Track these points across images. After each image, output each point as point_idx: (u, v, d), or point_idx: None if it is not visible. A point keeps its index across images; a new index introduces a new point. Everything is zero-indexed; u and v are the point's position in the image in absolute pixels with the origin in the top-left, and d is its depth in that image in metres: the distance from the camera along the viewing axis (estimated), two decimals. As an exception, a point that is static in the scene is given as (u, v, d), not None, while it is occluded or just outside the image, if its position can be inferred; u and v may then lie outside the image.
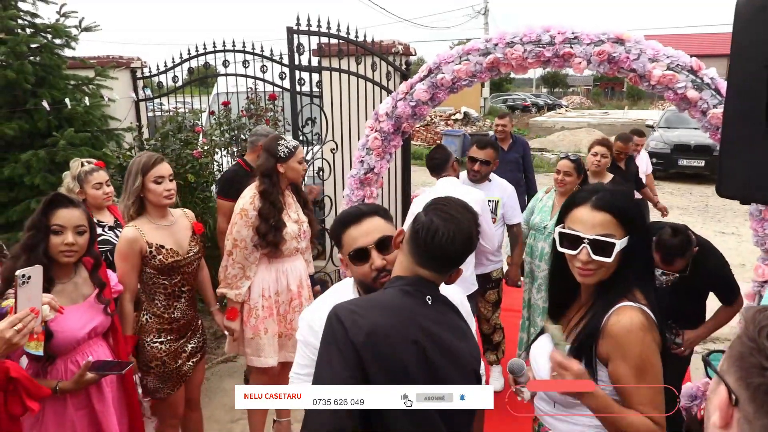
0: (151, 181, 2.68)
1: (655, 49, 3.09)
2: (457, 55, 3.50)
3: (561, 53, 3.22)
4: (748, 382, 0.75)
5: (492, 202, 3.84)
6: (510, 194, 3.94)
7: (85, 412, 2.27)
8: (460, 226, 1.48)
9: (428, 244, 1.46)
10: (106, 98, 5.13)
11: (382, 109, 3.83)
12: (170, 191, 2.73)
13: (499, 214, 3.90)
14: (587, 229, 1.59)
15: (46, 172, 4.32)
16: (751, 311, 0.82)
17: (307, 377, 1.71)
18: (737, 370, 0.78)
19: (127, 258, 2.67)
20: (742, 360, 0.78)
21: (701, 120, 3.09)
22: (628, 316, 1.55)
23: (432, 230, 1.46)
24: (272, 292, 3.14)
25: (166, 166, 2.75)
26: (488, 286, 3.96)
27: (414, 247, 1.51)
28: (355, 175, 3.94)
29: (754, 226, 3.05)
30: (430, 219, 1.49)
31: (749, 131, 1.84)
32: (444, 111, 21.52)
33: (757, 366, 0.74)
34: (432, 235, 1.46)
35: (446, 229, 1.46)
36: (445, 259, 1.50)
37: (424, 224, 1.48)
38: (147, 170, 2.67)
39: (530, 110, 33.69)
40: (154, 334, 2.78)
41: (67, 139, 4.39)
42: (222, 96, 6.21)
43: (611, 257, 1.57)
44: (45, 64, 4.67)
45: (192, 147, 5.31)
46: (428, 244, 1.46)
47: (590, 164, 4.43)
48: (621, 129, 21.91)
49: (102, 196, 3.29)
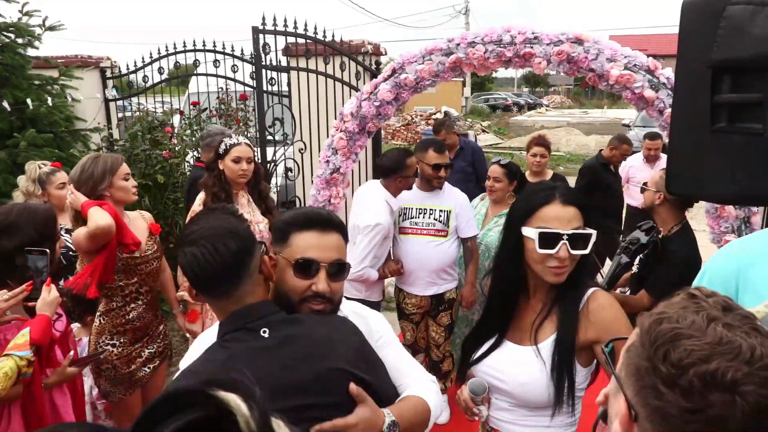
0: (121, 179, 2.69)
1: (613, 49, 3.12)
2: (420, 55, 3.52)
3: (521, 53, 3.24)
4: (646, 402, 0.74)
5: (444, 212, 3.45)
6: (463, 204, 3.52)
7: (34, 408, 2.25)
8: (212, 231, 1.28)
9: (206, 275, 1.27)
10: (70, 98, 5.06)
11: (347, 109, 3.82)
12: (136, 187, 2.80)
13: (452, 227, 3.45)
14: (564, 225, 1.56)
15: (7, 174, 4.25)
16: (646, 319, 0.78)
17: None
18: (635, 386, 0.76)
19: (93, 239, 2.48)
20: (639, 376, 0.76)
21: (658, 119, 3.13)
22: (605, 297, 1.62)
23: (191, 262, 1.27)
24: None
25: (126, 164, 2.80)
26: (441, 307, 3.52)
27: (202, 291, 1.33)
28: (321, 175, 3.93)
29: (711, 223, 3.10)
30: (184, 254, 1.29)
31: (695, 130, 1.87)
32: (425, 110, 21.56)
33: (653, 388, 0.73)
34: (199, 264, 1.26)
35: (202, 246, 1.26)
36: (226, 270, 1.28)
37: (185, 264, 1.29)
38: (115, 170, 2.68)
39: (511, 109, 33.92)
40: (106, 336, 2.73)
41: (28, 140, 4.33)
42: (193, 96, 6.16)
43: (587, 249, 1.57)
44: (7, 64, 4.60)
45: (162, 147, 5.26)
46: (205, 275, 1.27)
47: (531, 164, 4.43)
48: (600, 128, 22.22)
49: (66, 197, 3.24)
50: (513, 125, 25.05)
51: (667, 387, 0.71)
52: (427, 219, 3.46)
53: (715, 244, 3.14)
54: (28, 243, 2.11)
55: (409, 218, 3.49)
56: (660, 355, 0.73)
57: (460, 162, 5.11)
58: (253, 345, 1.27)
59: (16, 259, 2.10)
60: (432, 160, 3.37)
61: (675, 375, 0.70)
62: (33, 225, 2.15)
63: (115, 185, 2.68)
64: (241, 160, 3.07)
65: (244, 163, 3.07)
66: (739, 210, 3.01)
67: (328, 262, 1.42)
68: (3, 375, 1.83)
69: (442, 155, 3.41)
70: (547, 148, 4.44)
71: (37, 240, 2.14)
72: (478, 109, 31.85)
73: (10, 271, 2.11)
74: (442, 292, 3.51)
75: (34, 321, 1.99)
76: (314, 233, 1.44)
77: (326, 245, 1.44)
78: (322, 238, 1.44)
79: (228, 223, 1.31)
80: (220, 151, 3.10)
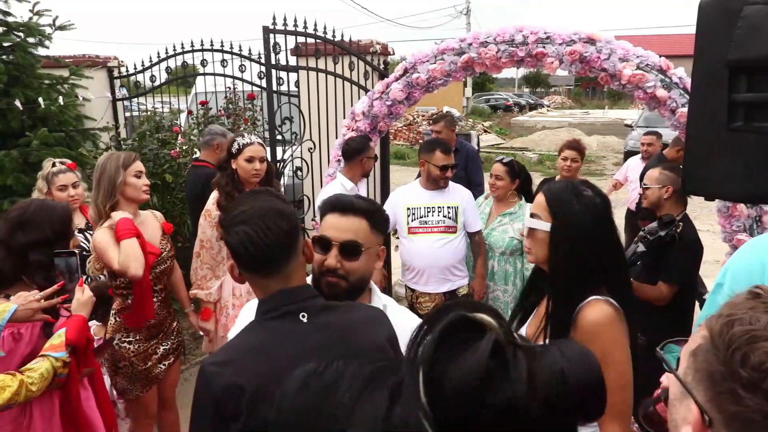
0: (132, 176, 2.70)
1: (626, 49, 3.14)
2: (432, 55, 3.54)
3: (534, 53, 3.26)
4: (723, 408, 0.72)
5: (452, 208, 3.50)
6: (468, 199, 3.60)
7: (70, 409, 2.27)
8: (263, 210, 1.31)
9: (258, 253, 1.29)
10: (80, 98, 5.08)
11: (359, 108, 3.84)
12: (148, 186, 2.79)
13: (460, 222, 3.51)
14: (530, 210, 1.75)
15: (19, 173, 4.26)
16: (717, 322, 0.76)
17: None
18: (708, 391, 0.74)
19: (110, 246, 2.56)
20: (713, 381, 0.73)
21: (670, 118, 3.15)
22: (598, 308, 1.59)
23: (244, 240, 1.28)
24: (244, 290, 3.13)
25: (140, 162, 2.81)
26: None
27: (250, 269, 1.35)
28: (332, 173, 3.95)
29: (722, 222, 3.12)
30: (236, 233, 1.29)
31: (712, 129, 1.89)
32: (426, 110, 21.59)
33: (731, 393, 0.70)
34: (252, 242, 1.28)
35: (255, 224, 1.28)
36: (279, 248, 1.31)
37: (235, 243, 1.30)
38: (128, 165, 2.70)
39: (512, 110, 33.96)
40: (123, 333, 2.76)
41: (40, 139, 4.34)
42: (201, 96, 6.18)
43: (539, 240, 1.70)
44: (18, 63, 4.61)
45: (170, 147, 5.28)
46: (258, 253, 1.29)
47: (561, 169, 4.23)
48: (601, 128, 22.25)
49: (66, 199, 3.21)
50: (515, 125, 25.09)
51: (748, 391, 0.69)
52: (436, 216, 3.49)
53: (727, 242, 3.17)
54: (43, 240, 2.11)
55: (418, 218, 3.51)
56: (738, 358, 0.71)
57: None
58: (290, 328, 1.31)
59: (30, 255, 2.10)
60: (440, 161, 3.43)
61: (757, 379, 0.68)
62: (49, 222, 2.15)
63: (126, 181, 2.69)
64: (254, 159, 3.07)
65: (257, 162, 3.08)
66: (751, 209, 3.03)
67: (340, 241, 1.58)
68: (39, 376, 1.85)
69: (448, 156, 3.48)
70: (579, 153, 4.20)
71: (52, 238, 2.14)
72: (479, 110, 31.89)
73: (24, 266, 2.11)
74: (456, 288, 3.57)
75: (70, 321, 2.00)
76: (335, 215, 1.63)
77: (342, 227, 1.60)
78: (341, 220, 1.61)
79: (276, 204, 1.34)
80: (232, 151, 3.10)
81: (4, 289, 2.10)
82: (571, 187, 1.73)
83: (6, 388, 1.76)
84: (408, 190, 3.64)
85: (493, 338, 0.60)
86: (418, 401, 0.60)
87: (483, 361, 0.58)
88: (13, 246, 2.09)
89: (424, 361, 0.61)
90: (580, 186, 1.74)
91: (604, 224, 1.69)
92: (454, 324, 0.62)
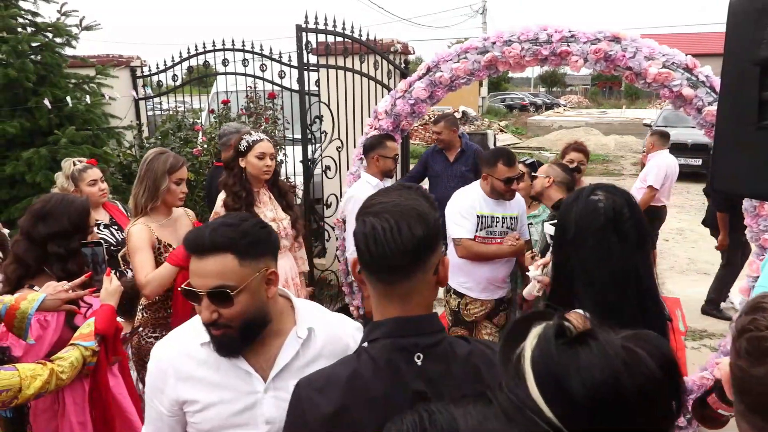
0: (173, 182, 2.69)
1: (651, 47, 3.13)
2: (456, 54, 3.55)
3: (558, 51, 3.26)
4: None
5: (513, 219, 3.39)
6: (522, 207, 3.50)
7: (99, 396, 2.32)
8: (401, 208, 1.12)
9: (378, 252, 1.10)
10: (106, 97, 5.16)
11: (381, 107, 3.87)
12: (185, 194, 2.79)
13: (518, 232, 3.42)
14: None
15: (47, 170, 4.35)
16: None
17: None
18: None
19: (143, 248, 2.62)
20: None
21: (696, 117, 3.13)
22: None
23: (368, 233, 1.11)
24: None
25: (185, 169, 2.80)
26: (500, 308, 3.49)
27: (368, 268, 1.15)
28: (355, 172, 3.97)
29: (749, 221, 3.09)
30: (364, 222, 1.14)
31: (741, 127, 1.88)
32: (442, 110, 21.57)
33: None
34: (375, 238, 1.10)
35: (385, 220, 1.10)
36: (403, 255, 1.10)
37: (359, 233, 1.14)
38: (174, 170, 2.69)
39: (528, 109, 33.76)
40: (149, 329, 2.78)
41: (68, 137, 4.43)
42: (221, 95, 6.24)
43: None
44: (46, 63, 4.71)
45: (192, 145, 5.35)
46: (377, 252, 1.10)
47: None
48: (619, 128, 22.06)
49: (98, 193, 3.34)
50: (531, 125, 24.94)
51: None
52: (500, 227, 3.36)
53: (753, 242, 3.14)
54: (61, 232, 2.16)
55: (485, 227, 3.33)
56: None
57: (460, 166, 4.87)
58: (399, 368, 1.11)
59: (49, 246, 2.15)
60: (503, 174, 3.22)
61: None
62: (67, 215, 2.20)
63: (168, 187, 2.69)
64: (265, 156, 3.03)
65: (268, 159, 3.04)
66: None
67: (206, 290, 1.33)
68: (69, 365, 1.90)
69: (513, 168, 3.26)
70: (585, 154, 4.04)
71: (70, 230, 2.19)
72: (494, 109, 31.75)
73: (46, 257, 2.16)
74: (504, 295, 3.52)
75: (99, 311, 2.06)
76: (194, 260, 1.36)
77: (204, 272, 1.33)
78: (200, 264, 1.34)
79: (419, 206, 1.13)
80: (241, 149, 3.03)
81: (28, 279, 2.16)
82: (580, 191, 1.71)
83: (37, 377, 1.81)
84: (476, 197, 3.37)
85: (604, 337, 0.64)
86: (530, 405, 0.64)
87: (610, 357, 0.63)
88: (35, 237, 2.15)
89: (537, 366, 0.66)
90: (592, 190, 1.70)
91: (594, 229, 1.62)
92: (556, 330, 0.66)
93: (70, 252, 2.18)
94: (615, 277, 1.63)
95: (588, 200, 1.65)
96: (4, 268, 2.22)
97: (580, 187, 1.90)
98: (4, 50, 4.46)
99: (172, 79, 5.99)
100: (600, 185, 1.77)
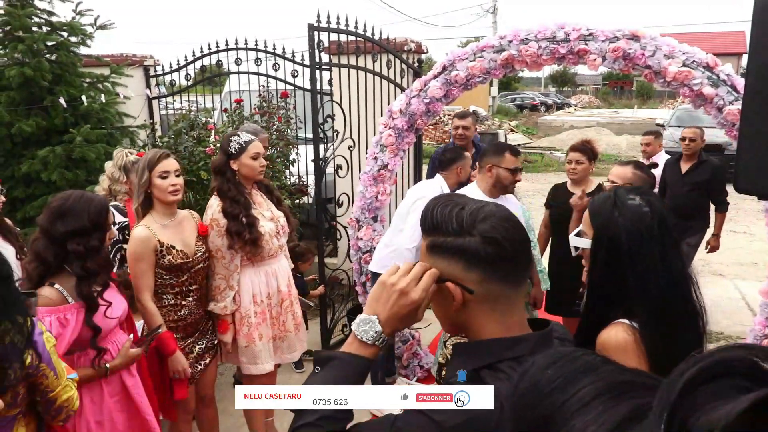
0: (157, 176, 2.66)
1: (671, 45, 3.09)
2: (471, 53, 3.52)
3: (576, 50, 3.22)
4: None
5: None
6: (521, 209, 3.54)
7: (120, 398, 2.34)
8: (501, 210, 1.07)
9: (503, 246, 1.01)
10: (121, 95, 5.18)
11: (396, 106, 3.85)
12: (176, 186, 2.69)
13: None
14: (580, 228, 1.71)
15: (62, 169, 4.38)
16: None
17: None
18: None
19: (142, 258, 2.65)
20: None
21: (717, 116, 3.09)
22: (610, 332, 1.50)
23: (499, 227, 1.02)
24: (264, 296, 3.06)
25: (172, 161, 2.71)
26: None
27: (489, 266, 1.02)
28: (369, 171, 3.96)
29: (770, 222, 3.05)
30: (484, 219, 1.02)
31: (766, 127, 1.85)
32: (453, 110, 21.50)
33: None
34: (502, 231, 1.01)
35: (503, 219, 1.03)
36: (523, 255, 1.04)
37: (484, 229, 1.02)
38: (153, 166, 2.66)
39: (539, 109, 33.61)
40: None
41: (83, 136, 4.45)
42: (234, 94, 6.25)
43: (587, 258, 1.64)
44: (61, 62, 4.73)
45: (205, 144, 5.35)
46: (503, 246, 1.01)
47: (567, 172, 3.98)
48: (630, 128, 21.92)
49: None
50: (541, 125, 24.84)
51: None
52: None
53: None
54: (80, 229, 2.16)
55: None
56: None
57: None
58: None
59: (68, 244, 2.15)
60: (510, 163, 3.26)
61: None
62: (87, 213, 2.20)
63: (152, 182, 2.67)
64: (259, 155, 2.96)
65: (262, 158, 2.99)
66: (801, 209, 2.96)
67: None
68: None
69: (518, 158, 3.33)
70: (584, 153, 3.90)
71: (89, 227, 2.19)
72: (504, 109, 31.62)
73: (65, 255, 2.16)
74: None
75: None
76: None
77: None
78: None
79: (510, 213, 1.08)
80: (232, 151, 2.90)
81: (49, 277, 2.16)
82: (613, 197, 1.61)
83: (70, 388, 1.86)
84: (474, 196, 3.36)
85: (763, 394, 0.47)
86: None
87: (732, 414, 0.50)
88: (54, 235, 2.15)
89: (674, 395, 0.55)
90: (625, 194, 1.60)
91: (650, 237, 1.52)
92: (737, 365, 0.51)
93: (89, 250, 2.18)
94: (675, 283, 1.54)
95: (630, 206, 1.54)
96: (25, 266, 2.23)
97: (603, 192, 1.81)
98: (20, 49, 4.49)
99: (185, 78, 6.01)
100: (618, 188, 1.69)
